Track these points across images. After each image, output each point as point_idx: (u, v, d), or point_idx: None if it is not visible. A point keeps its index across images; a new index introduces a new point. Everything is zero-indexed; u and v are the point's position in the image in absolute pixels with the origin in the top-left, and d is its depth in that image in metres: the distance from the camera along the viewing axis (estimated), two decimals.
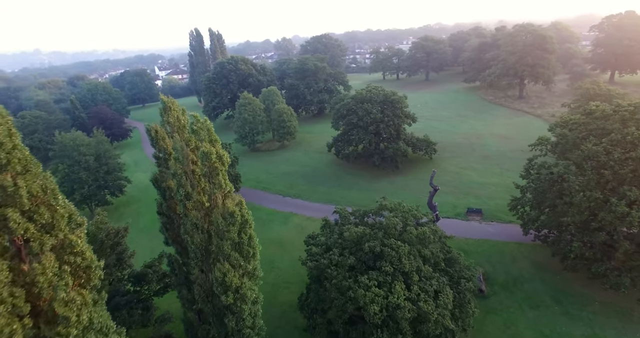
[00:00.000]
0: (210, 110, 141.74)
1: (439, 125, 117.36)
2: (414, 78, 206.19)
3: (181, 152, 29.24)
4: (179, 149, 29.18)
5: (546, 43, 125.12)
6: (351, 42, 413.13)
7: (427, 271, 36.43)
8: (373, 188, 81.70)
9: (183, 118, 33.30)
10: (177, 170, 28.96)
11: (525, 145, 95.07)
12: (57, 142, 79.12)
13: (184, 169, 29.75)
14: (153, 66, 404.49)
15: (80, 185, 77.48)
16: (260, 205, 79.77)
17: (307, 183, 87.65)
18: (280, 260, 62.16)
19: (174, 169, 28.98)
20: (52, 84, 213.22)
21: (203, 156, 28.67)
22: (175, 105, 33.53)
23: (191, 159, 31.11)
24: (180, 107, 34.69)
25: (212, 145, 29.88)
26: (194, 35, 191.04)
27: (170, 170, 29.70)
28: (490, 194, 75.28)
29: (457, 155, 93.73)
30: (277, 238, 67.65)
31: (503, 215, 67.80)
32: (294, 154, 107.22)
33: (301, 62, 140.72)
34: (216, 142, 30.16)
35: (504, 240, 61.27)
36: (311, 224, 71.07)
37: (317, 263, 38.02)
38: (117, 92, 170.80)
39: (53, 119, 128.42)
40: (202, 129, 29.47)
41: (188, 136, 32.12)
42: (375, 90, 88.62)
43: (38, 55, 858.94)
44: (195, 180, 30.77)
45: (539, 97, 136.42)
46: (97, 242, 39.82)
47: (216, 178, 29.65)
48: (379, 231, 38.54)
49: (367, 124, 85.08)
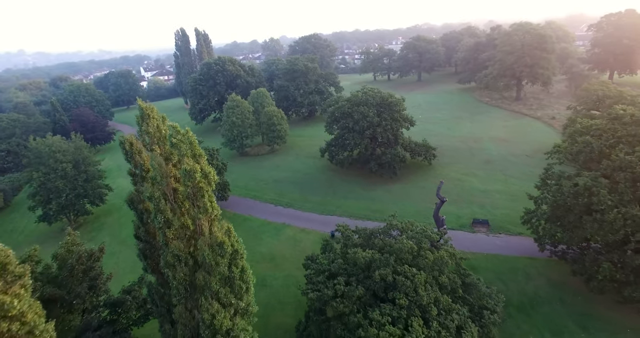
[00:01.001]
0: (196, 113, 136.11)
1: (434, 128, 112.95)
2: (406, 79, 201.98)
3: (159, 170, 24.12)
4: (156, 167, 24.06)
5: (545, 42, 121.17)
6: (339, 42, 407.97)
7: (445, 302, 31.62)
8: (370, 196, 76.99)
9: (164, 127, 28.23)
10: (153, 193, 23.89)
11: (528, 149, 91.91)
12: (31, 148, 73.22)
13: (163, 191, 24.66)
14: (139, 67, 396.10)
15: (57, 195, 71.75)
16: (250, 216, 74.78)
17: (300, 191, 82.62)
18: (272, 277, 57.06)
19: (149, 192, 23.92)
20: (33, 85, 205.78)
21: (185, 175, 23.67)
22: (154, 112, 28.47)
23: (174, 175, 26.12)
24: (160, 115, 29.63)
25: (196, 161, 24.86)
26: (179, 35, 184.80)
27: (145, 192, 24.54)
28: (495, 203, 70.92)
29: (457, 161, 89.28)
30: (268, 253, 62.55)
31: (511, 226, 63.48)
32: (285, 159, 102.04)
33: (291, 63, 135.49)
34: (201, 157, 25.11)
35: (514, 255, 56.80)
36: (305, 236, 66.34)
37: (319, 294, 33.01)
38: (101, 94, 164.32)
39: (32, 122, 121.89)
40: (183, 141, 24.41)
41: (169, 149, 27.03)
42: (372, 92, 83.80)
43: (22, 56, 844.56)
44: (177, 203, 25.74)
45: (536, 99, 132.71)
46: (66, 267, 34.62)
47: (201, 200, 24.68)
48: (390, 256, 33.63)
49: (364, 128, 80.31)
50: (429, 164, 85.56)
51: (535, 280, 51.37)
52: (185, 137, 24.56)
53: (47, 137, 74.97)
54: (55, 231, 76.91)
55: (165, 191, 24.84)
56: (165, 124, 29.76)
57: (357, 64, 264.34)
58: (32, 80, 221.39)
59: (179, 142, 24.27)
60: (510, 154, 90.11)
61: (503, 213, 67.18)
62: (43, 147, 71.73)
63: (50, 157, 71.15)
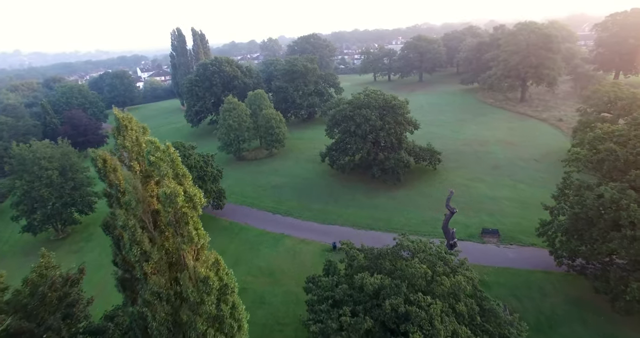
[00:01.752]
0: (192, 115, 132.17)
1: (438, 130, 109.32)
2: (407, 79, 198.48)
3: (134, 194, 20.44)
4: (130, 190, 20.39)
5: (551, 42, 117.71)
6: (338, 42, 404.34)
7: (464, 334, 27.96)
8: (373, 204, 73.35)
9: (144, 140, 24.52)
10: (127, 221, 20.21)
11: (537, 153, 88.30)
12: (14, 154, 69.24)
13: (139, 217, 20.99)
14: (136, 67, 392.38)
15: (43, 204, 67.80)
16: (247, 225, 71.09)
17: (299, 198, 78.89)
18: (271, 294, 53.37)
19: (123, 221, 20.25)
20: (25, 86, 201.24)
21: (165, 199, 20.04)
22: (133, 123, 24.71)
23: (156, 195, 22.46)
24: (140, 125, 25.96)
25: (179, 181, 21.23)
26: (175, 35, 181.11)
27: (118, 220, 20.86)
28: (504, 211, 67.36)
29: (463, 165, 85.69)
30: (266, 267, 58.85)
31: (522, 236, 60.00)
32: (284, 164, 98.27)
33: (289, 63, 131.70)
34: (184, 177, 21.48)
35: (528, 268, 53.21)
36: (305, 248, 62.70)
37: (322, 326, 29.27)
38: (94, 95, 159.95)
39: (21, 125, 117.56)
40: (163, 159, 20.75)
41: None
42: (374, 94, 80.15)
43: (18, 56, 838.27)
44: (158, 229, 22.11)
45: (541, 100, 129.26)
46: (37, 296, 30.78)
47: (185, 228, 21.05)
48: (401, 282, 29.95)
49: (366, 132, 76.66)
50: (434, 169, 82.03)
51: (552, 296, 47.81)
52: (165, 154, 20.93)
53: (32, 142, 70.97)
54: (41, 241, 73.08)
55: (142, 217, 21.17)
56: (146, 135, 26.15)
57: (356, 64, 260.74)
58: (24, 81, 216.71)
59: (158, 160, 20.64)
60: (518, 158, 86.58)
61: (513, 222, 63.68)
62: (27, 153, 67.79)
63: (34, 164, 67.20)
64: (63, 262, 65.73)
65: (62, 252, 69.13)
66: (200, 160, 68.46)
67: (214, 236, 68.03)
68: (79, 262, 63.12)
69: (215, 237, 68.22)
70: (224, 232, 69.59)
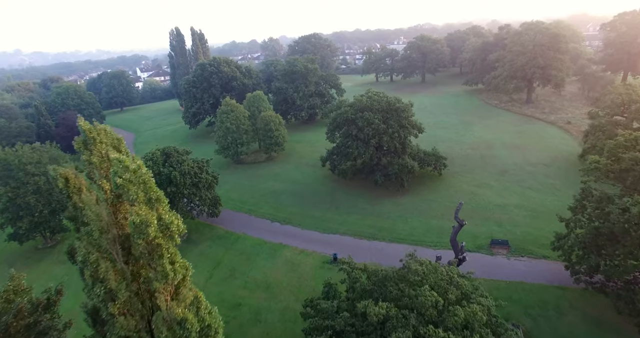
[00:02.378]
0: (190, 117, 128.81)
1: (442, 133, 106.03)
2: (409, 80, 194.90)
3: (97, 222, 17.19)
4: (93, 218, 17.14)
5: (559, 42, 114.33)
6: (340, 42, 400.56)
7: None
8: (376, 212, 70.06)
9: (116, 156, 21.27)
10: (87, 256, 16.98)
11: (546, 158, 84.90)
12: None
13: (105, 248, 17.76)
14: (135, 67, 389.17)
15: (29, 211, 64.50)
16: (244, 234, 67.81)
17: (299, 205, 75.59)
18: (267, 309, 50.14)
19: (82, 255, 17.01)
20: (22, 86, 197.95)
21: (135, 230, 16.82)
22: (104, 136, 21.56)
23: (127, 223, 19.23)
24: (113, 136, 22.79)
25: (152, 207, 17.98)
26: (174, 34, 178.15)
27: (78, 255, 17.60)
28: (513, 220, 64.01)
29: (469, 170, 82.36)
30: (263, 280, 55.57)
31: (534, 247, 56.72)
32: (283, 168, 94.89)
33: (290, 64, 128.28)
34: (159, 201, 18.22)
35: (541, 283, 49.91)
36: (304, 259, 59.42)
37: None
38: (90, 96, 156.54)
39: (14, 127, 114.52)
40: (132, 182, 17.48)
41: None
42: (377, 96, 76.76)
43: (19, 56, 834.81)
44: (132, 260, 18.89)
45: (548, 101, 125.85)
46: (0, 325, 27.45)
47: (158, 262, 17.79)
48: (409, 312, 26.65)
49: (369, 136, 73.28)
50: (439, 174, 78.68)
51: (569, 315, 44.53)
52: (136, 175, 17.65)
53: (17, 146, 67.71)
54: (28, 250, 69.95)
55: (109, 247, 17.91)
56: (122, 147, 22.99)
57: (358, 64, 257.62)
58: (21, 81, 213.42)
59: (127, 182, 17.35)
60: (526, 163, 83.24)
61: (524, 232, 60.39)
62: (12, 158, 64.50)
63: (20, 170, 63.94)
64: (49, 273, 63.27)
65: (49, 262, 66.11)
66: (195, 166, 65.17)
67: (209, 245, 65.49)
68: (66, 273, 60.21)
69: (210, 247, 65.62)
70: (219, 242, 66.39)
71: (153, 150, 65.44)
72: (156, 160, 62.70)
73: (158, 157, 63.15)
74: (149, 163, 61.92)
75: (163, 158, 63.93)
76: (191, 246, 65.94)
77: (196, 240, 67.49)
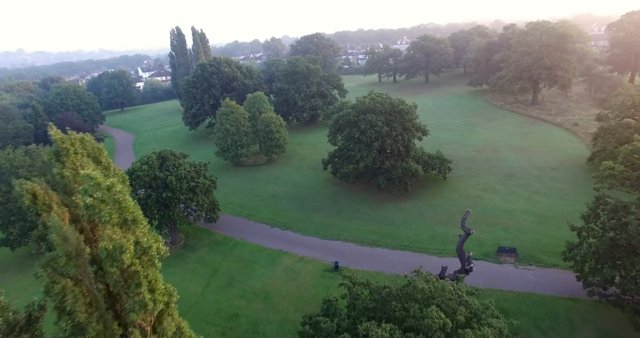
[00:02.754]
0: (190, 118, 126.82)
1: (447, 135, 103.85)
2: (413, 80, 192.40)
3: (63, 247, 15.18)
4: (58, 242, 15.14)
5: (566, 43, 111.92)
6: (342, 42, 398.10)
7: None
8: (378, 217, 68.00)
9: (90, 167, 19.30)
10: (51, 286, 14.97)
11: (553, 161, 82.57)
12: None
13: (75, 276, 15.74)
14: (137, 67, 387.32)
15: (21, 217, 62.58)
16: (242, 240, 65.85)
17: (300, 209, 73.58)
18: (265, 320, 48.21)
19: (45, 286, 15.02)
20: (21, 86, 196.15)
21: (107, 257, 14.84)
22: (79, 146, 19.58)
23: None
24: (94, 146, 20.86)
25: (128, 229, 15.97)
26: (175, 34, 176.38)
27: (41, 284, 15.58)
28: (521, 225, 61.89)
29: (474, 174, 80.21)
30: (261, 289, 53.57)
31: (542, 255, 54.66)
32: (284, 170, 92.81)
33: (291, 64, 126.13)
34: (135, 223, 16.18)
35: (552, 294, 47.80)
36: (304, 267, 57.42)
37: None
38: (90, 96, 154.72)
39: (10, 128, 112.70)
40: (104, 201, 15.45)
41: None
42: (380, 98, 74.63)
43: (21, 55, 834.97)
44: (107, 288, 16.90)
45: (554, 103, 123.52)
46: None
47: (135, 291, 15.78)
48: (415, 336, 24.58)
49: (371, 138, 71.13)
50: (444, 178, 76.56)
51: (582, 330, 42.39)
52: (110, 194, 15.61)
53: (8, 149, 65.84)
54: (21, 256, 68.14)
55: (80, 274, 15.90)
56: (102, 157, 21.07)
57: (361, 64, 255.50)
58: (21, 81, 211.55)
59: (98, 202, 15.33)
60: (533, 166, 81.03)
61: (532, 239, 58.28)
62: (3, 162, 62.63)
63: (11, 173, 62.03)
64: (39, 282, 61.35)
65: None
66: (192, 170, 63.13)
67: (206, 251, 63.42)
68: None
69: (208, 253, 63.62)
70: (217, 248, 64.44)
71: (149, 153, 63.46)
72: (152, 164, 60.72)
73: (154, 160, 61.17)
74: (145, 167, 59.99)
75: (159, 162, 61.95)
76: (189, 252, 64.10)
77: (194, 246, 65.62)
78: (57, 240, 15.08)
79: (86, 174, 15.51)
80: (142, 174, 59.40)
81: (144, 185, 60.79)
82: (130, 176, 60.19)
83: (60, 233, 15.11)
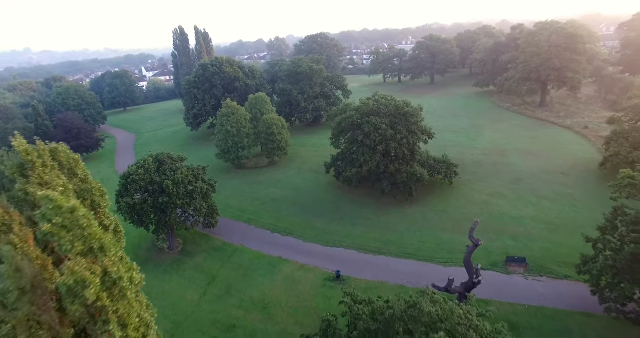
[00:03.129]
0: (191, 119, 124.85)
1: (453, 137, 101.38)
2: (418, 81, 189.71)
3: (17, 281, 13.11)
4: (11, 274, 13.07)
5: (576, 43, 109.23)
6: (347, 42, 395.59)
7: None
8: (382, 223, 65.81)
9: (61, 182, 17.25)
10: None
11: (563, 165, 79.96)
12: None
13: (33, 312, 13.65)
14: (142, 66, 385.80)
15: None
16: (242, 246, 63.83)
17: (301, 214, 71.50)
18: (263, 333, 46.27)
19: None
20: (24, 85, 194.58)
21: (67, 293, 12.78)
22: (47, 158, 17.52)
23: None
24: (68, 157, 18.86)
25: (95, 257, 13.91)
26: (178, 33, 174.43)
27: None
28: (530, 233, 59.57)
29: (481, 178, 77.85)
30: (260, 299, 51.52)
31: (553, 266, 52.37)
32: (286, 174, 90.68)
33: (294, 65, 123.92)
34: (103, 251, 14.10)
35: (564, 309, 45.50)
36: (305, 276, 55.39)
37: None
38: (92, 96, 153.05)
39: (10, 128, 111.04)
40: (65, 227, 13.38)
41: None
42: (384, 100, 72.43)
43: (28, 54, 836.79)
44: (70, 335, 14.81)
45: (563, 105, 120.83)
46: None
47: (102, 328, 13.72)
48: None
49: (375, 142, 68.90)
50: (450, 183, 74.28)
51: None
52: (71, 219, 13.53)
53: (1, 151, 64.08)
54: None
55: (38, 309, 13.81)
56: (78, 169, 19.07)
57: (365, 64, 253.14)
58: (24, 81, 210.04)
59: (58, 229, 13.25)
60: (542, 171, 78.57)
61: (542, 248, 55.95)
62: None
63: (3, 177, 60.19)
64: None
65: None
66: (189, 174, 61.09)
67: (204, 258, 61.12)
68: None
69: (206, 259, 61.50)
70: (215, 254, 62.43)
71: (146, 156, 61.53)
72: (148, 168, 58.77)
73: (150, 164, 59.19)
74: (141, 171, 58.04)
75: (156, 165, 59.96)
76: (186, 258, 62.21)
77: (192, 252, 63.68)
78: (9, 272, 13.01)
79: (44, 195, 13.43)
80: (138, 178, 57.46)
81: (140, 190, 58.85)
82: (125, 180, 58.54)
83: (12, 263, 13.04)
